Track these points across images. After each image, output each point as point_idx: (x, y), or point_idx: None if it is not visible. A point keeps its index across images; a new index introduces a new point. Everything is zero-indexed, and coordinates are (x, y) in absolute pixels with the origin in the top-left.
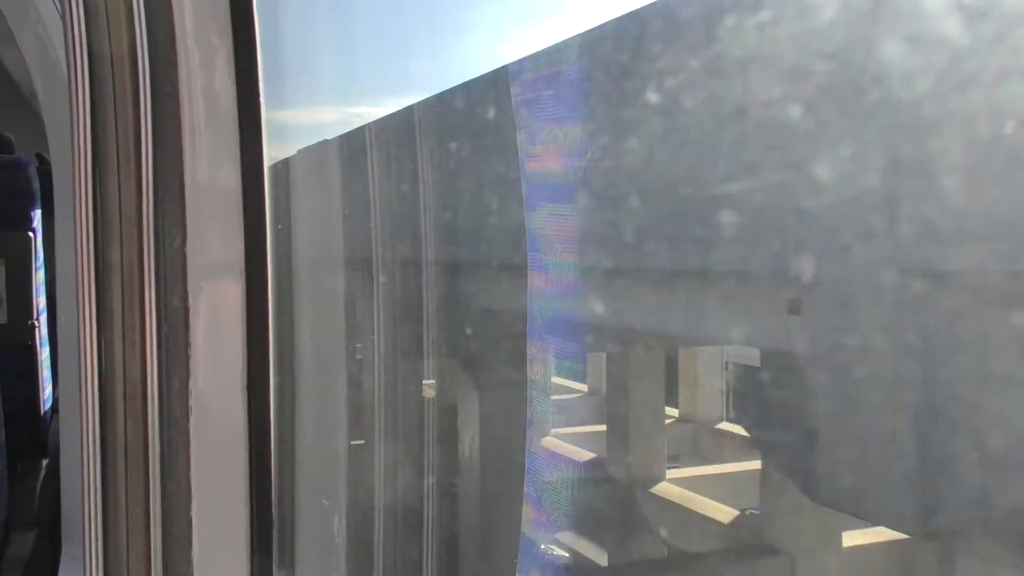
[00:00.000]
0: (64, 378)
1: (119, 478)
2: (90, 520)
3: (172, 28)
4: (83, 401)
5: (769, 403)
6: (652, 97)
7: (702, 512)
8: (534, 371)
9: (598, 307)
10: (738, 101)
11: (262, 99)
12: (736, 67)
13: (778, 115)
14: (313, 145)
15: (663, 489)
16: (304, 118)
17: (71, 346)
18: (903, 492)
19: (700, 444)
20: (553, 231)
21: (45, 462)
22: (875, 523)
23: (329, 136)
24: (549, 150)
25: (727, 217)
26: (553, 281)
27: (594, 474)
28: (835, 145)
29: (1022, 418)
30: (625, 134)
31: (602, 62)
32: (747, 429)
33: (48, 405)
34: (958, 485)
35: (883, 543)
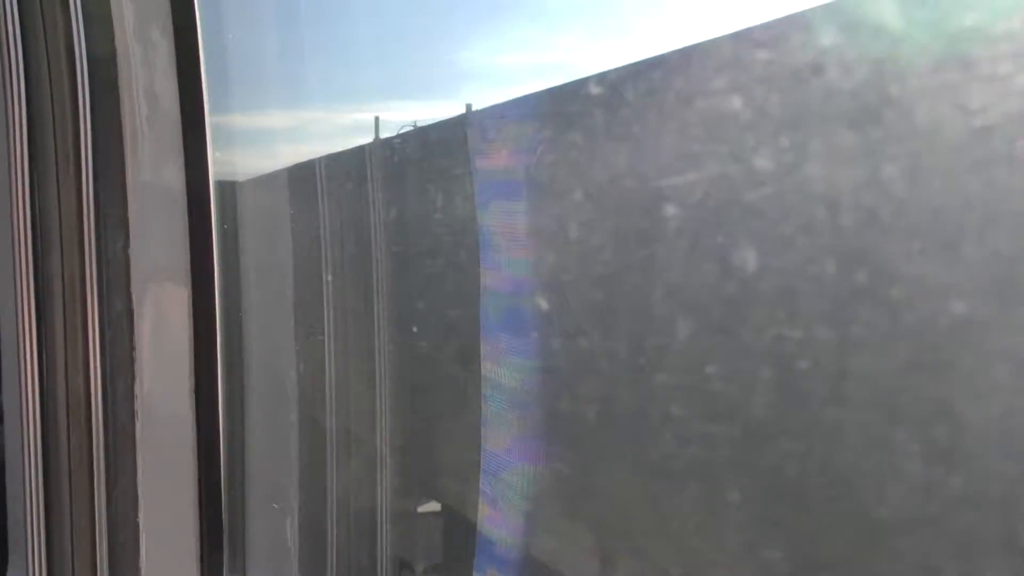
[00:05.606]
0: (7, 385)
1: (62, 487)
2: (33, 530)
3: (111, 23)
4: (23, 409)
5: None
6: None
7: None
8: (487, 371)
9: None
10: None
11: (206, 98)
12: None
13: None
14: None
15: None
16: (252, 122)
17: (13, 352)
18: None
19: None
20: None
21: None
22: None
23: (276, 138)
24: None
25: None
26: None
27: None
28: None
29: None
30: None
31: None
32: None
33: None
34: None
35: None
